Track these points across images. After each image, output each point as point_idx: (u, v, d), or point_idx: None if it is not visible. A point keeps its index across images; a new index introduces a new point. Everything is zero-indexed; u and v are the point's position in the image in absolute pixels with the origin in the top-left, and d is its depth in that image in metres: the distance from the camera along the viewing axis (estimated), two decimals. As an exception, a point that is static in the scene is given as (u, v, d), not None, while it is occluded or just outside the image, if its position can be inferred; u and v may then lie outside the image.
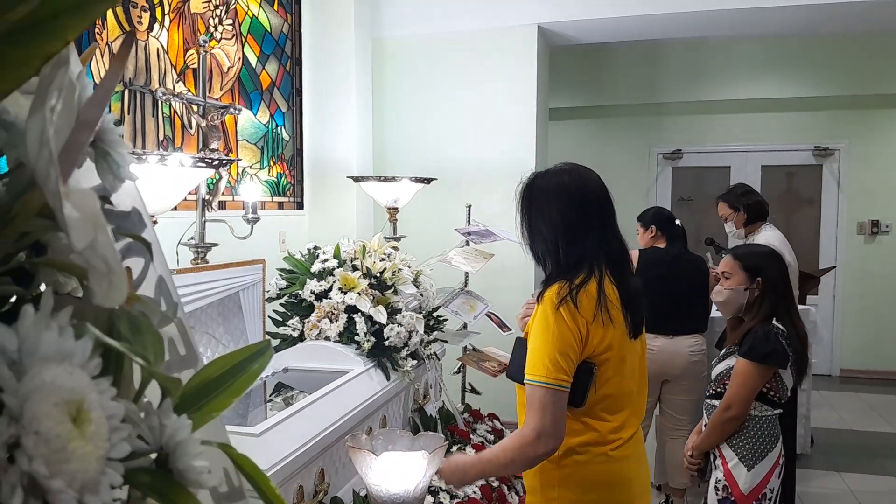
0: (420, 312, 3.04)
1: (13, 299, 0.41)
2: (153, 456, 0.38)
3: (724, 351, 2.50)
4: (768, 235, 3.81)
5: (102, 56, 2.87)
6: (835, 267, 6.55)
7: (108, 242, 0.34)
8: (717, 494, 2.35)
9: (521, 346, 1.72)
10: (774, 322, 2.34)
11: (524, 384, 1.65)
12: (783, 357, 2.28)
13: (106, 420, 0.31)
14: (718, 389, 2.40)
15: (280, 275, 3.02)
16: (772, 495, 2.32)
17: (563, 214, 1.70)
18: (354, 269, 2.92)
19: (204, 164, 2.16)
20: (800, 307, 4.60)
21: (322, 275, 2.91)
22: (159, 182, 2.07)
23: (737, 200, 4.02)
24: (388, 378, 2.70)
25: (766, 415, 2.34)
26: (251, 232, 2.91)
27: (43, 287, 0.44)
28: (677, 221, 3.71)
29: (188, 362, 0.51)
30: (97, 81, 2.60)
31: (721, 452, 2.37)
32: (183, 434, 0.37)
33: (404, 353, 2.80)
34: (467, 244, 3.59)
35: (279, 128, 4.22)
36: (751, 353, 2.29)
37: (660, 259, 3.59)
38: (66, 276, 0.45)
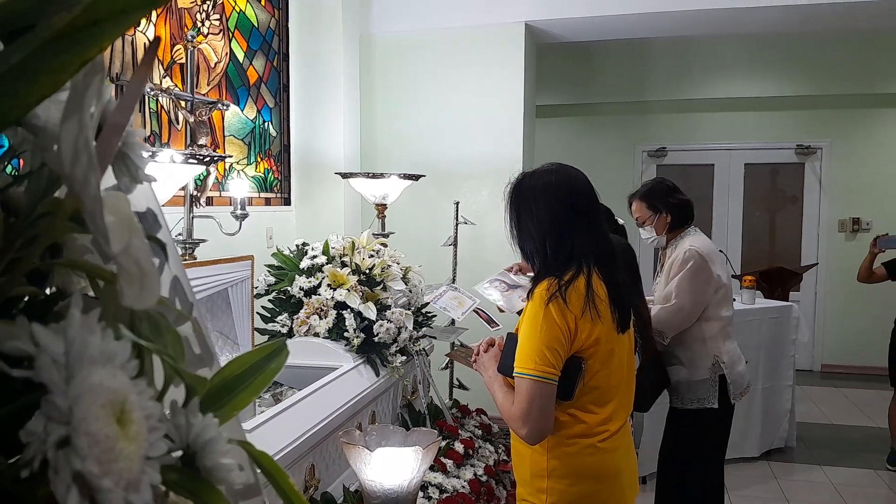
0: (409, 308, 3.04)
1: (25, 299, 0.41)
2: (178, 454, 0.39)
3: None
4: (694, 240, 2.98)
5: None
6: (816, 264, 6.62)
7: (141, 245, 0.35)
8: None
9: (511, 341, 1.75)
10: None
11: (513, 378, 1.68)
12: None
13: (144, 420, 0.32)
14: None
15: (268, 271, 3.01)
16: None
17: (551, 213, 1.73)
18: (343, 265, 2.91)
19: (195, 161, 2.15)
20: (782, 303, 4.70)
21: (311, 271, 2.91)
22: (149, 178, 2.06)
23: (658, 200, 3.07)
24: (377, 374, 2.71)
25: None
26: (239, 228, 2.91)
27: (54, 288, 0.44)
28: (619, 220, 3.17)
29: (204, 361, 0.52)
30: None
31: None
32: (210, 432, 0.38)
33: (393, 349, 2.81)
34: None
35: (266, 123, 4.20)
36: None
37: None
38: (79, 275, 0.46)
